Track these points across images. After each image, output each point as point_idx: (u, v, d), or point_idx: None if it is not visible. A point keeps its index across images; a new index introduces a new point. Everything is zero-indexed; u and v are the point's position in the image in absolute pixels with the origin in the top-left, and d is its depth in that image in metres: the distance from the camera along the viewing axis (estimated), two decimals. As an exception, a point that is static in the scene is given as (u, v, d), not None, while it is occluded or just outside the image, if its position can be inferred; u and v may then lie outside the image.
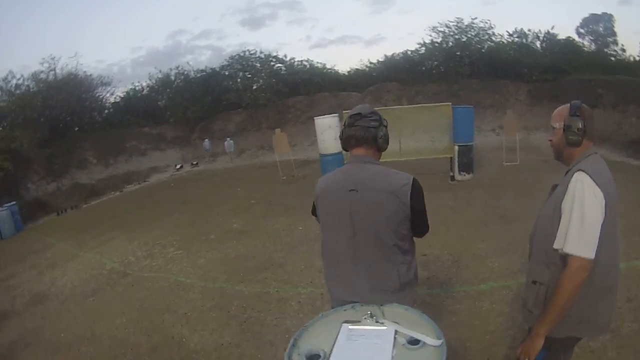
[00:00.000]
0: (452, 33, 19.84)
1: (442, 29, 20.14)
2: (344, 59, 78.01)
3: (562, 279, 1.80)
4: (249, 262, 6.17)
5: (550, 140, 2.06)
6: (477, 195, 8.61)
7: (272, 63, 21.23)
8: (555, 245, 1.85)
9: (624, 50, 27.46)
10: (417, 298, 2.26)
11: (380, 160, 2.02)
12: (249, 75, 20.93)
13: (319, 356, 1.58)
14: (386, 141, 2.21)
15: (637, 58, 23.94)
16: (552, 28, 21.95)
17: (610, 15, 32.10)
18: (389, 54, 22.18)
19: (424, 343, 1.60)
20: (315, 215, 2.28)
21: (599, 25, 31.34)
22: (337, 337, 1.67)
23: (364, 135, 2.10)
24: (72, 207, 12.90)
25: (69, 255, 7.79)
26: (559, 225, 1.84)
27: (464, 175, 10.11)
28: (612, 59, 23.27)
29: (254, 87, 20.20)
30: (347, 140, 2.14)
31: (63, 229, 10.16)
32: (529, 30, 21.46)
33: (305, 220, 7.83)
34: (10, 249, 9.44)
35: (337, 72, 21.97)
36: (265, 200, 9.96)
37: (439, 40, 20.05)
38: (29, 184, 14.00)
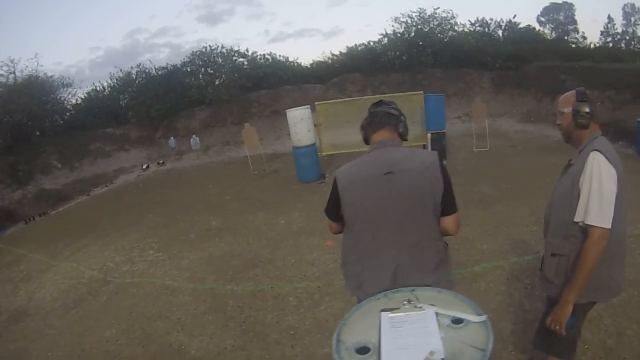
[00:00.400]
0: (414, 23, 19.93)
1: (404, 20, 20.23)
2: (303, 53, 77.91)
3: (586, 248, 1.96)
4: (236, 260, 5.99)
5: (559, 124, 2.19)
6: (454, 182, 8.63)
7: (234, 58, 20.80)
8: (576, 219, 2.02)
9: (584, 38, 28.61)
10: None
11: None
12: (211, 71, 20.43)
13: (368, 348, 1.54)
14: (407, 130, 2.21)
15: (598, 45, 24.94)
16: (514, 17, 22.46)
17: (571, 4, 33.41)
18: (350, 45, 22.18)
19: (468, 321, 1.61)
20: (332, 215, 2.19)
21: (560, 14, 32.50)
22: (380, 326, 1.64)
23: (386, 118, 2.12)
24: (40, 215, 12.17)
25: (43, 266, 7.32)
26: (577, 200, 2.01)
27: (439, 162, 10.15)
28: (573, 46, 24.13)
29: (216, 83, 19.76)
30: (370, 125, 2.15)
31: (33, 239, 9.54)
32: (491, 19, 21.88)
33: (285, 214, 7.77)
34: (-21, 264, 8.75)
35: (299, 65, 21.78)
36: (240, 196, 9.74)
37: (401, 30, 20.11)
38: (-6, 194, 13.18)
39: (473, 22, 21.67)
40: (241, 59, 20.96)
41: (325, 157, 10.90)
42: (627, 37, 31.07)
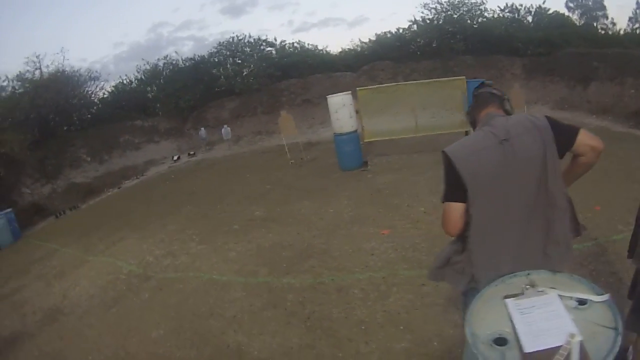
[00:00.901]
0: (444, 10, 19.20)
1: (433, 6, 19.47)
2: (329, 42, 77.04)
3: None
4: (287, 251, 5.38)
5: None
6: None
7: (262, 47, 20.35)
8: None
9: (614, 24, 27.20)
10: None
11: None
12: (239, 61, 20.01)
13: (505, 339, 1.50)
14: (512, 108, 2.16)
15: (629, 31, 23.67)
16: (544, 2, 21.44)
17: None
18: (379, 33, 21.51)
19: (592, 301, 1.60)
20: (456, 197, 1.92)
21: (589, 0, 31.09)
22: (509, 314, 1.61)
23: (491, 98, 2.11)
24: (70, 209, 11.84)
25: (77, 261, 6.82)
26: None
27: (477, 148, 9.45)
28: (602, 32, 22.97)
29: (245, 73, 19.34)
30: (476, 107, 2.13)
31: (65, 233, 9.13)
32: (521, 5, 20.89)
33: (333, 203, 7.15)
34: (11, 260, 8.31)
35: (328, 54, 21.21)
36: (280, 185, 9.15)
37: (430, 17, 19.40)
38: (23, 189, 12.90)
39: (502, 8, 20.71)
40: (269, 48, 20.55)
41: (363, 145, 10.23)
42: None
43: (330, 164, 10.13)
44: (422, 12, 20.12)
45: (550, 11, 20.61)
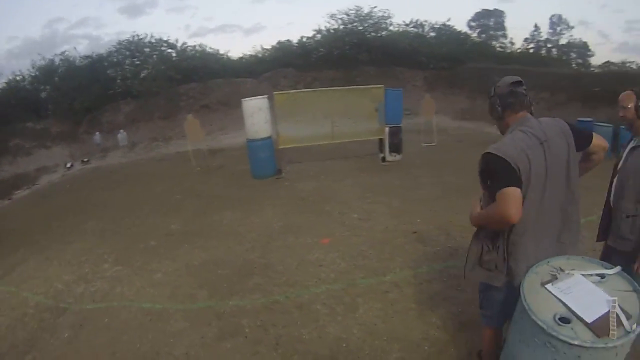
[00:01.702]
0: (350, 21, 20.13)
1: (340, 17, 20.40)
2: (225, 48, 75.81)
3: None
4: (223, 268, 4.82)
5: (623, 116, 2.69)
6: (419, 174, 8.53)
7: (162, 48, 19.10)
8: None
9: (512, 44, 30.98)
10: None
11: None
12: (138, 62, 18.46)
13: (567, 318, 1.78)
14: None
15: (521, 50, 26.89)
16: (448, 20, 23.43)
17: (502, 12, 36.11)
18: (281, 40, 21.91)
19: (608, 275, 2.02)
20: (517, 182, 2.01)
21: (490, 20, 34.86)
22: (557, 298, 1.89)
23: (528, 100, 2.24)
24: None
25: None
26: None
27: (395, 155, 9.99)
28: (502, 50, 25.86)
29: (143, 75, 17.86)
30: (514, 104, 2.21)
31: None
32: (425, 21, 22.96)
33: (257, 213, 6.78)
34: None
35: (230, 59, 20.80)
36: (192, 194, 8.36)
37: (336, 27, 20.27)
38: None
39: (408, 22, 22.45)
40: (170, 50, 19.46)
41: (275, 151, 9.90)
42: (549, 45, 34.27)
43: (240, 171, 9.68)
44: (329, 22, 21.00)
45: (454, 29, 22.96)
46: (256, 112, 8.73)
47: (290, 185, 8.23)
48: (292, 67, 18.48)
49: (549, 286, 1.97)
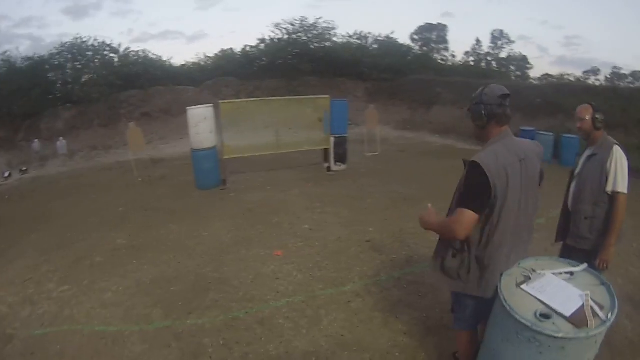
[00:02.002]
0: (295, 31, 20.21)
1: (285, 27, 20.41)
2: (167, 55, 73.49)
3: (618, 207, 2.84)
4: (176, 285, 4.57)
5: (580, 127, 2.99)
6: (366, 184, 8.71)
7: (105, 53, 18.08)
8: (608, 189, 2.85)
9: (453, 57, 32.38)
10: None
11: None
12: (79, 66, 17.31)
13: (547, 314, 1.93)
14: None
15: (461, 63, 28.37)
16: (392, 33, 24.04)
17: (445, 26, 37.60)
18: (225, 49, 21.64)
19: (575, 272, 2.25)
20: (481, 207, 2.15)
21: (433, 34, 36.17)
22: (535, 297, 2.05)
23: (509, 113, 2.32)
24: None
25: None
26: (607, 177, 2.85)
27: (340, 165, 10.15)
28: (443, 62, 26.97)
29: (84, 79, 16.82)
30: (503, 116, 2.26)
31: None
32: (369, 33, 23.59)
33: (205, 225, 6.56)
34: None
35: (172, 66, 20.10)
36: (136, 207, 7.87)
37: (280, 37, 20.28)
38: None
39: (351, 34, 22.95)
40: (112, 55, 18.42)
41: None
42: (489, 58, 36.22)
43: (184, 182, 9.33)
44: (273, 32, 20.89)
45: (398, 41, 23.62)
46: (201, 121, 8.48)
47: (237, 197, 8.06)
48: (235, 76, 18.29)
49: (524, 287, 2.13)
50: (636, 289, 4.12)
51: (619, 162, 2.84)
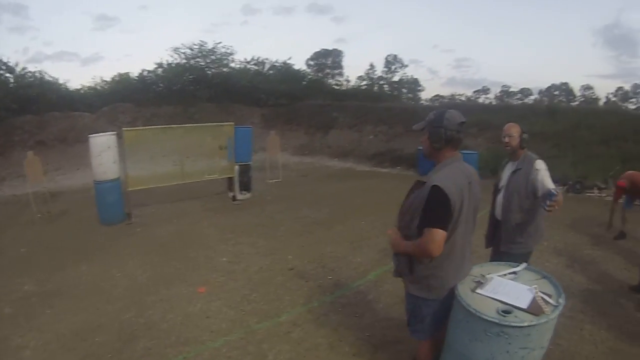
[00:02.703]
0: (193, 56, 19.79)
1: (184, 51, 19.92)
2: (61, 77, 65.49)
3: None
4: (100, 335, 4.12)
5: (507, 142, 3.32)
6: (274, 211, 8.79)
7: (0, 71, 15.72)
8: (540, 194, 3.11)
9: (348, 81, 33.63)
10: None
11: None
12: None
13: (507, 310, 2.23)
14: None
15: (354, 87, 29.53)
16: (289, 59, 24.37)
17: (340, 51, 38.77)
18: (122, 72, 20.60)
19: (517, 272, 2.63)
20: (448, 225, 2.39)
21: (329, 59, 37.08)
22: (491, 297, 2.35)
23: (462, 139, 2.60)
24: None
25: None
26: (534, 186, 3.17)
27: (245, 194, 10.09)
28: (338, 87, 28.06)
29: None
30: (458, 141, 2.51)
31: None
32: (266, 58, 23.81)
33: (116, 265, 6.06)
34: None
35: (68, 90, 18.20)
36: (40, 247, 6.94)
37: (178, 61, 19.77)
38: None
39: (249, 60, 22.83)
40: (8, 75, 16.16)
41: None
42: (382, 82, 38.29)
43: (86, 217, 8.51)
44: (172, 56, 20.31)
45: (295, 67, 24.07)
46: (104, 150, 7.88)
47: (144, 231, 7.58)
48: (131, 102, 17.26)
49: (478, 291, 2.44)
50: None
51: (543, 171, 3.18)
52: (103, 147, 7.93)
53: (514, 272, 2.64)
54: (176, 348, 3.83)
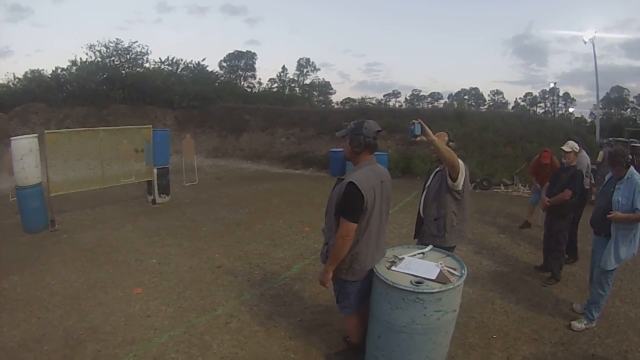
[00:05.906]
0: (109, 54, 18.23)
1: (99, 49, 18.22)
2: None
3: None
4: (46, 344, 3.95)
5: (433, 150, 3.37)
6: (194, 213, 8.81)
7: None
8: (458, 188, 3.41)
9: (260, 83, 32.45)
10: None
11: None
12: None
13: (419, 282, 2.64)
14: None
15: (265, 89, 28.89)
16: (203, 60, 23.17)
17: (254, 53, 36.96)
18: (35, 69, 18.27)
19: (425, 252, 3.14)
20: (359, 218, 2.77)
21: (242, 61, 35.13)
22: (405, 272, 2.77)
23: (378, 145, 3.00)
24: None
25: None
26: (447, 185, 3.41)
27: (164, 197, 9.89)
28: (249, 89, 27.21)
29: None
30: (374, 146, 2.90)
31: None
32: (180, 59, 22.61)
33: (47, 273, 5.73)
34: None
35: None
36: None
37: (93, 59, 18.03)
38: None
39: (163, 60, 21.61)
40: None
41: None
42: (293, 85, 37.45)
43: (8, 225, 7.81)
44: (87, 54, 18.50)
45: (208, 69, 23.30)
46: (27, 154, 7.23)
47: (70, 238, 7.15)
48: (44, 102, 15.62)
49: (393, 268, 2.86)
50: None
51: (465, 170, 3.40)
52: (25, 150, 7.30)
53: (422, 253, 3.13)
54: (125, 348, 3.87)
